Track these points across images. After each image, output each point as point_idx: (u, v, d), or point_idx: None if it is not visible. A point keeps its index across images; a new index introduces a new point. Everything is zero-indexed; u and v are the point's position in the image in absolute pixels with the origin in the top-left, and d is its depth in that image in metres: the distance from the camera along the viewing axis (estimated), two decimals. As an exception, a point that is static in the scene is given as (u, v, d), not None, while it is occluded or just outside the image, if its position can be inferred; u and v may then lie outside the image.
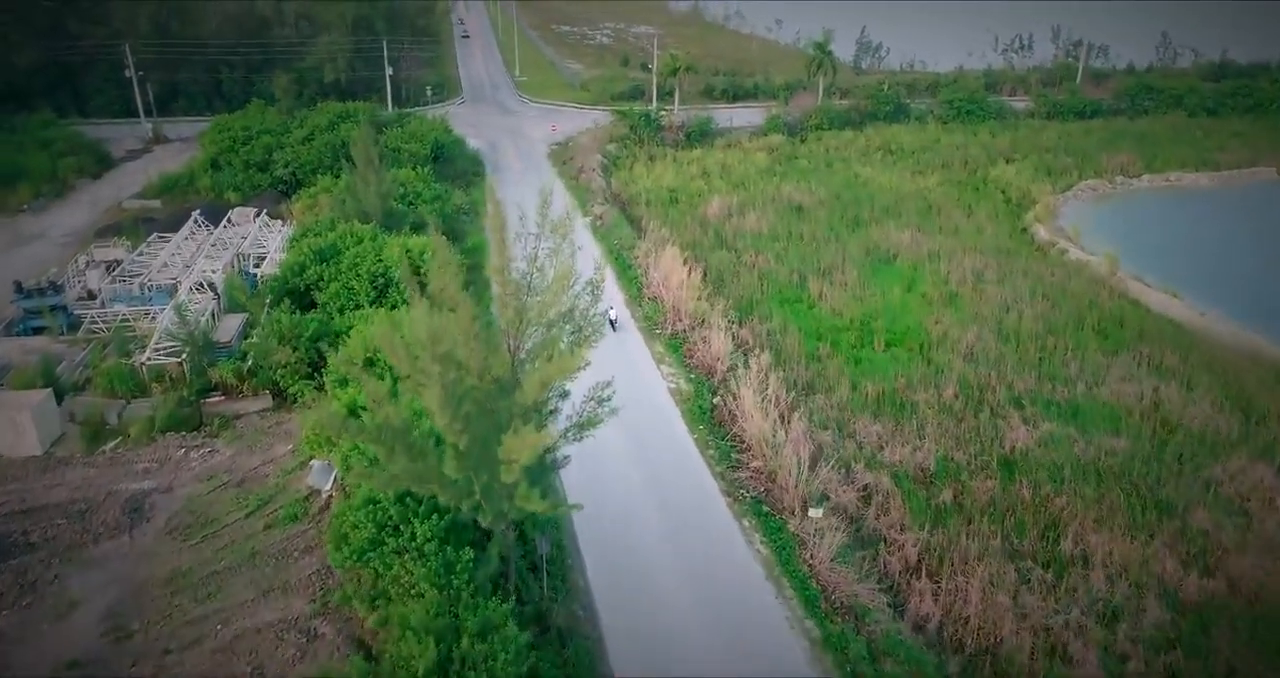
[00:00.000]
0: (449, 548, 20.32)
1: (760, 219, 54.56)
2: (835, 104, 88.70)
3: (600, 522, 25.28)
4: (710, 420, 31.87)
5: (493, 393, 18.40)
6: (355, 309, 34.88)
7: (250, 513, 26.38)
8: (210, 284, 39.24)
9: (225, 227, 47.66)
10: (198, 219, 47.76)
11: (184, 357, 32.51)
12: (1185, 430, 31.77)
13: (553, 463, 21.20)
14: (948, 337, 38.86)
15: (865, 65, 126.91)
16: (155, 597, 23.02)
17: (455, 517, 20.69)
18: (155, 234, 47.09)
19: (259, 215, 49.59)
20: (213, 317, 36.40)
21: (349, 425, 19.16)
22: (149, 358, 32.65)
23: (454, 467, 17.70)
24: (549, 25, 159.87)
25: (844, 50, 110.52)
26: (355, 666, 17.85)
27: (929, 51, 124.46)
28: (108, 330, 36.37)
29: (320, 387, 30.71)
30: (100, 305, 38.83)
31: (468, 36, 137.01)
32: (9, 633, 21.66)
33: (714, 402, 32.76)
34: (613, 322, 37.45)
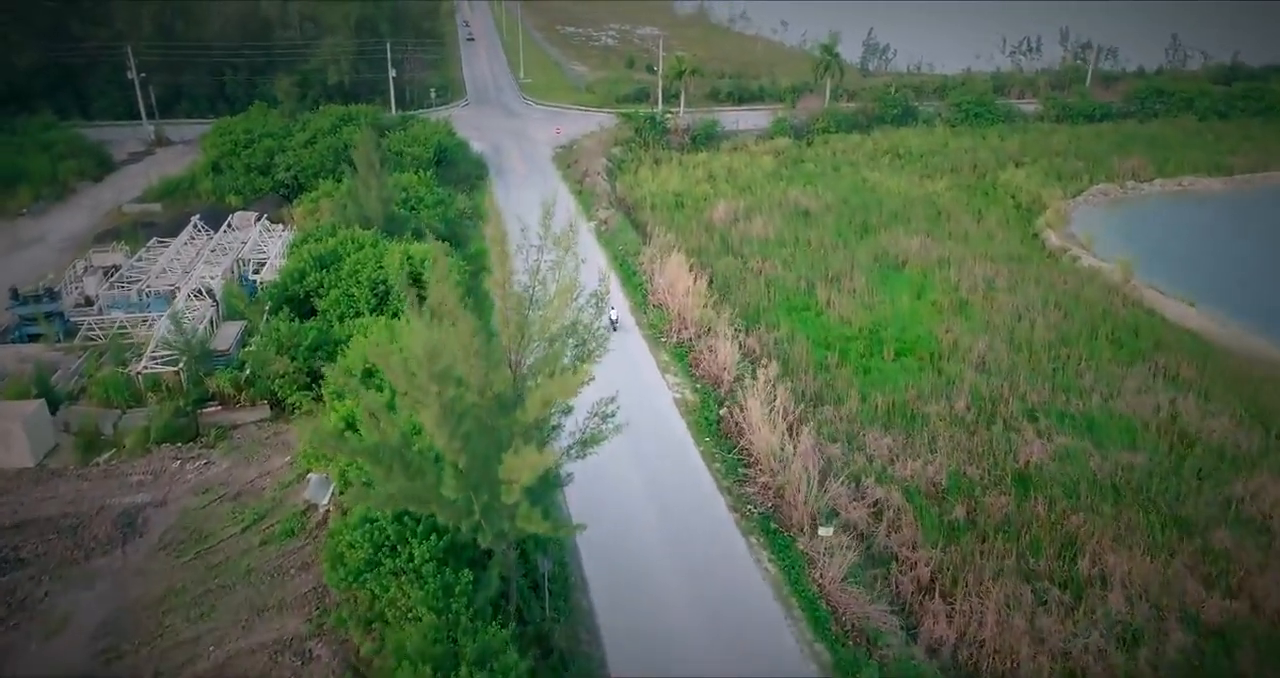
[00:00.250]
0: (448, 569, 19.67)
1: (767, 224, 53.88)
2: (842, 107, 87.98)
3: (604, 538, 24.57)
4: (717, 433, 31.20)
5: (493, 410, 17.75)
6: (355, 317, 34.27)
7: (246, 528, 25.76)
8: (209, 291, 38.67)
9: (226, 231, 47.12)
10: (197, 224, 47.20)
11: (181, 365, 31.94)
12: (1204, 445, 31.02)
13: (556, 480, 20.57)
14: (958, 346, 38.16)
15: (872, 67, 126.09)
16: (147, 616, 22.41)
17: (455, 536, 20.05)
18: (155, 239, 46.52)
19: (260, 220, 49.02)
20: (211, 324, 35.85)
21: (344, 444, 18.56)
22: (145, 367, 32.08)
23: (453, 487, 17.07)
24: (554, 26, 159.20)
25: (851, 52, 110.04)
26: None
27: (936, 53, 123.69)
28: (104, 338, 35.80)
29: (319, 398, 30.11)
30: (97, 312, 38.26)
31: (473, 39, 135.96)
32: (-4, 654, 21.10)
33: (720, 413, 32.08)
34: (614, 321, 36.88)
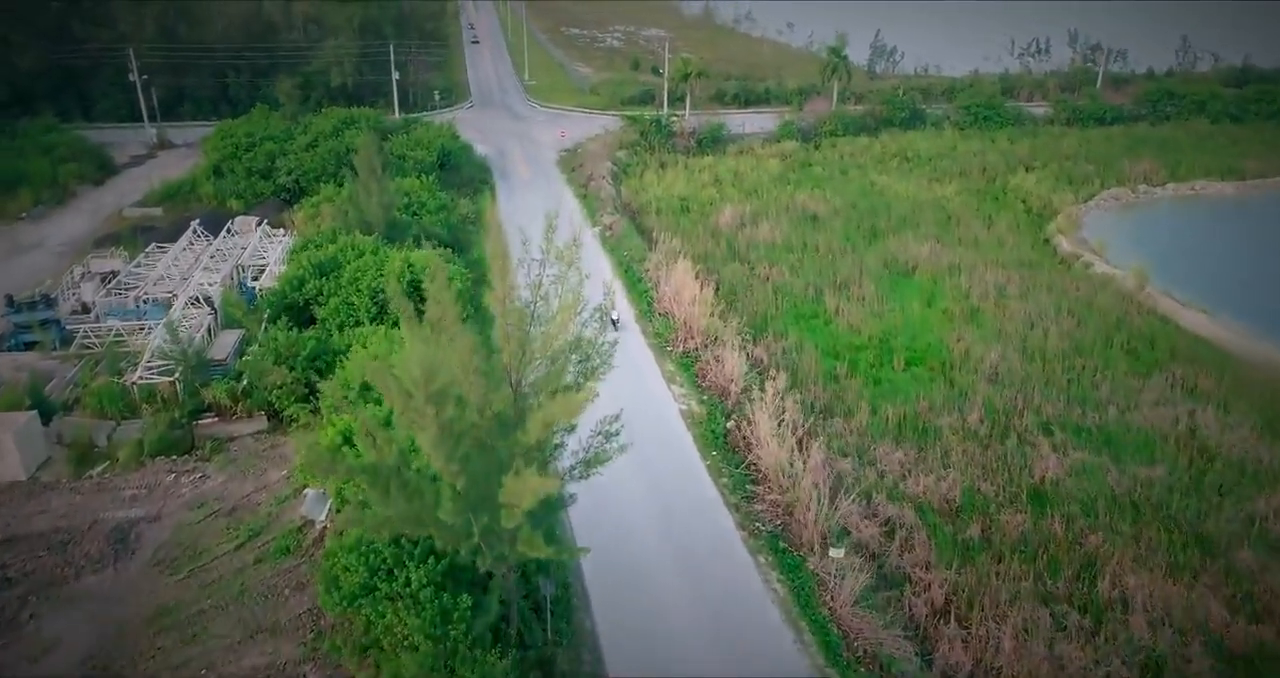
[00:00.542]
0: (445, 594, 18.94)
1: (774, 229, 53.14)
2: (849, 109, 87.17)
3: (608, 555, 23.74)
4: (724, 446, 30.45)
5: (493, 431, 17.05)
6: (355, 326, 33.65)
7: (240, 545, 25.09)
8: (207, 298, 38.01)
9: (226, 236, 46.48)
10: (197, 229, 46.56)
11: (177, 376, 31.29)
12: (1224, 459, 30.16)
13: (559, 502, 19.85)
14: (970, 355, 37.36)
15: (879, 69, 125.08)
16: (138, 637, 21.77)
17: (453, 559, 19.35)
18: (154, 244, 45.93)
19: (260, 225, 48.40)
20: (208, 333, 35.18)
21: (340, 463, 17.85)
22: (140, 377, 31.44)
23: (451, 510, 16.39)
24: (559, 28, 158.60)
25: (858, 54, 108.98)
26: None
27: (944, 55, 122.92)
28: (101, 346, 35.19)
29: (317, 409, 29.43)
30: (94, 319, 37.66)
31: (478, 42, 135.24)
32: (-19, 677, 20.49)
33: (728, 426, 31.33)
34: (614, 321, 36.05)
